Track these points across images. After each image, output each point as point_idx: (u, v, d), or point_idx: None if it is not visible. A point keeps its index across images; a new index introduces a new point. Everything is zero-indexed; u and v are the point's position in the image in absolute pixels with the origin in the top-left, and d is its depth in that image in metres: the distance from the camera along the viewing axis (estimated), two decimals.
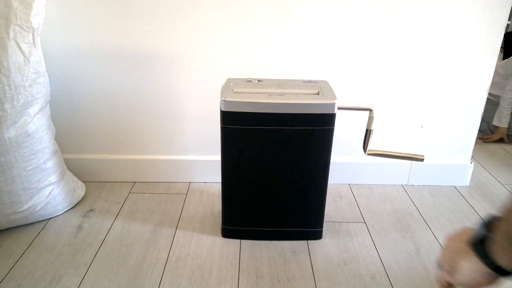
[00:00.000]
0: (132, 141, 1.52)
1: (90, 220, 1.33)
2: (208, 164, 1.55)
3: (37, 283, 1.07)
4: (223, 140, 1.11)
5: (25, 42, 1.12)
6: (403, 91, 1.45)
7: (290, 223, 1.23)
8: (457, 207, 1.47)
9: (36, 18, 1.12)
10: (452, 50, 1.39)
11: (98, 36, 1.34)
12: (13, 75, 1.11)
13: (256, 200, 1.20)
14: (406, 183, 1.61)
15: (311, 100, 1.05)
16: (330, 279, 1.11)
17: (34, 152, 1.21)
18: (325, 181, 1.17)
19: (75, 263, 1.14)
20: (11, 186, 1.19)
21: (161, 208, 1.41)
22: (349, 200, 1.49)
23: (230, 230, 1.25)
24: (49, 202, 1.29)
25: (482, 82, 1.44)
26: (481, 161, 1.85)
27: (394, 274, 1.13)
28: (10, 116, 1.13)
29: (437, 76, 1.43)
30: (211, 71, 1.40)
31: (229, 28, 1.33)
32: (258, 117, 1.06)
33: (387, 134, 1.53)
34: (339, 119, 1.08)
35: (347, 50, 1.38)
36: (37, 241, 1.23)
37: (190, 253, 1.19)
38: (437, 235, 1.30)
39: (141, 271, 1.12)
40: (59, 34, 1.33)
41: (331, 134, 1.10)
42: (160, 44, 1.36)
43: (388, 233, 1.31)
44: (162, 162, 1.55)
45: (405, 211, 1.43)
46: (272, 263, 1.16)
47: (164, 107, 1.46)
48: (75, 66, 1.38)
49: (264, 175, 1.15)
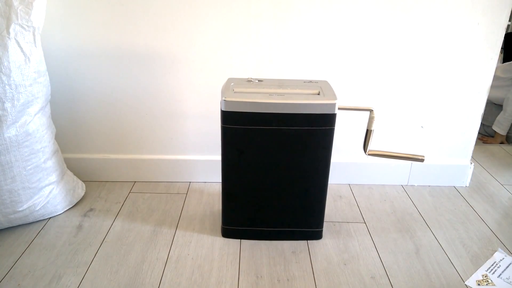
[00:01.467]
0: (132, 141, 1.52)
1: (90, 220, 1.33)
2: (208, 164, 1.55)
3: (37, 282, 1.07)
4: (223, 140, 1.11)
5: (26, 42, 1.12)
6: (404, 91, 1.46)
7: (290, 223, 1.23)
8: (457, 207, 1.47)
9: (37, 18, 1.12)
10: (453, 50, 1.39)
11: (98, 35, 1.34)
12: (13, 74, 1.11)
13: (256, 200, 1.20)
14: (406, 183, 1.61)
15: (312, 100, 1.05)
16: (330, 279, 1.11)
17: (34, 151, 1.21)
18: (325, 181, 1.17)
19: (75, 263, 1.14)
20: (11, 185, 1.19)
21: (161, 208, 1.41)
22: (349, 200, 1.49)
23: (230, 230, 1.25)
24: (49, 201, 1.29)
25: (482, 83, 1.44)
26: (481, 162, 1.85)
27: (394, 274, 1.13)
28: (10, 115, 1.13)
29: (437, 77, 1.43)
30: (212, 71, 1.40)
31: (230, 28, 1.33)
32: (259, 117, 1.06)
33: (387, 134, 1.53)
34: (339, 119, 1.08)
35: (348, 50, 1.38)
36: (37, 240, 1.23)
37: (190, 253, 1.19)
38: (437, 235, 1.30)
39: (141, 271, 1.12)
40: (59, 33, 1.33)
41: (331, 134, 1.10)
42: (161, 44, 1.36)
43: (388, 233, 1.31)
44: (162, 162, 1.55)
45: (405, 211, 1.43)
46: (272, 263, 1.16)
47: (165, 107, 1.46)
48: (75, 66, 1.38)
49: (264, 175, 1.15)
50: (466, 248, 1.25)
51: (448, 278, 1.12)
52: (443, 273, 1.14)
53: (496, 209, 1.47)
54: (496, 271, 1.15)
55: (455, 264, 1.18)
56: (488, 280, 1.12)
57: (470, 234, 1.32)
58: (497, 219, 1.41)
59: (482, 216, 1.42)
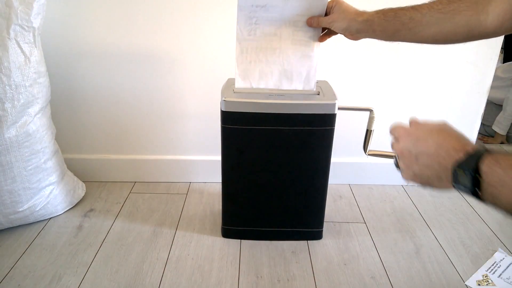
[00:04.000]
0: (132, 141, 1.52)
1: (90, 220, 1.33)
2: (208, 164, 1.55)
3: (37, 283, 1.07)
4: (223, 140, 1.11)
5: (26, 42, 1.12)
6: (403, 91, 1.46)
7: (290, 223, 1.23)
8: (457, 207, 1.47)
9: (37, 18, 1.12)
10: (452, 50, 1.39)
11: (98, 36, 1.34)
12: (13, 74, 1.11)
13: (256, 200, 1.20)
14: (406, 183, 1.61)
15: (312, 100, 1.05)
16: (330, 279, 1.11)
17: (34, 152, 1.21)
18: (325, 181, 1.17)
19: (75, 263, 1.14)
20: (12, 185, 1.19)
21: (161, 208, 1.41)
22: (349, 200, 1.49)
23: (230, 230, 1.25)
24: (49, 202, 1.29)
25: (482, 83, 1.44)
26: None
27: (394, 274, 1.13)
28: (10, 116, 1.13)
29: (437, 77, 1.43)
30: (212, 71, 1.40)
31: (230, 28, 1.33)
32: (258, 117, 1.06)
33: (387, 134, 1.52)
34: (339, 119, 1.08)
35: (348, 50, 1.38)
36: (37, 241, 1.23)
37: (190, 253, 1.19)
38: (437, 235, 1.30)
39: (141, 271, 1.12)
40: (59, 33, 1.33)
41: (331, 134, 1.10)
42: (161, 44, 1.36)
43: (388, 233, 1.31)
44: (162, 162, 1.55)
45: (405, 211, 1.43)
46: (272, 263, 1.16)
47: (165, 107, 1.46)
48: (75, 66, 1.38)
49: (264, 175, 1.16)
50: (466, 248, 1.25)
51: (448, 278, 1.12)
52: (443, 273, 1.14)
53: None
54: (496, 271, 1.15)
55: (455, 264, 1.18)
56: (489, 280, 1.12)
57: (470, 234, 1.32)
58: (497, 219, 1.41)
59: (482, 216, 1.42)
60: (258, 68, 1.05)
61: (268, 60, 1.04)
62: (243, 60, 1.05)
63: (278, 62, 1.04)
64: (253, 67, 1.05)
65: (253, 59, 1.04)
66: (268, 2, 0.98)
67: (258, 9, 0.98)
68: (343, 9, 0.88)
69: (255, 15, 0.99)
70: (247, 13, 0.99)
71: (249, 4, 0.98)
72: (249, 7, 0.98)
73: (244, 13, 0.99)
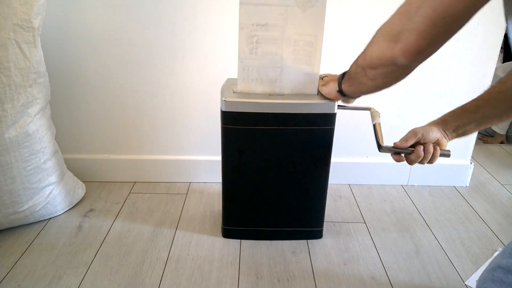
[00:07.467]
0: (132, 141, 1.52)
1: (90, 220, 1.33)
2: (208, 164, 1.55)
3: (37, 283, 1.07)
4: (223, 140, 1.11)
5: (26, 42, 1.12)
6: (403, 91, 1.46)
7: (290, 223, 1.23)
8: (457, 207, 1.47)
9: (37, 18, 1.12)
10: (452, 50, 1.39)
11: (98, 36, 1.34)
12: (13, 75, 1.11)
13: (256, 200, 1.20)
14: (406, 183, 1.61)
15: (311, 100, 1.05)
16: (330, 279, 1.11)
17: (34, 152, 1.21)
18: (325, 181, 1.17)
19: (75, 263, 1.14)
20: (12, 186, 1.19)
21: (161, 208, 1.41)
22: (349, 200, 1.49)
23: (230, 230, 1.25)
24: (49, 202, 1.29)
25: (482, 83, 1.44)
26: (481, 162, 1.85)
27: (394, 274, 1.13)
28: (10, 116, 1.13)
29: (437, 77, 1.43)
30: (211, 71, 1.40)
31: (229, 27, 1.33)
32: (258, 117, 1.06)
33: (387, 134, 1.52)
34: (339, 119, 1.08)
35: (348, 50, 1.38)
36: (37, 241, 1.23)
37: (190, 253, 1.19)
38: (437, 235, 1.30)
39: (141, 271, 1.12)
40: (59, 34, 1.33)
41: (331, 134, 1.10)
42: (160, 44, 1.36)
43: (388, 233, 1.31)
44: (162, 162, 1.55)
45: (405, 211, 1.43)
46: (272, 263, 1.16)
47: (165, 107, 1.46)
48: (75, 66, 1.38)
49: (265, 175, 1.15)
50: (466, 248, 1.25)
51: (448, 278, 1.12)
52: (443, 273, 1.14)
53: (496, 209, 1.47)
54: None
55: (455, 264, 1.18)
56: None
57: (470, 234, 1.32)
58: (497, 219, 1.41)
59: (482, 216, 1.42)
60: (260, 88, 1.07)
61: (270, 79, 1.05)
62: (244, 78, 1.05)
63: (280, 81, 1.06)
64: (255, 86, 1.07)
65: (255, 78, 1.05)
66: (269, 21, 0.98)
67: (258, 27, 0.99)
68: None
69: (256, 34, 1.00)
70: (248, 31, 1.00)
71: (250, 23, 0.98)
72: (249, 25, 0.99)
73: (245, 31, 1.00)
